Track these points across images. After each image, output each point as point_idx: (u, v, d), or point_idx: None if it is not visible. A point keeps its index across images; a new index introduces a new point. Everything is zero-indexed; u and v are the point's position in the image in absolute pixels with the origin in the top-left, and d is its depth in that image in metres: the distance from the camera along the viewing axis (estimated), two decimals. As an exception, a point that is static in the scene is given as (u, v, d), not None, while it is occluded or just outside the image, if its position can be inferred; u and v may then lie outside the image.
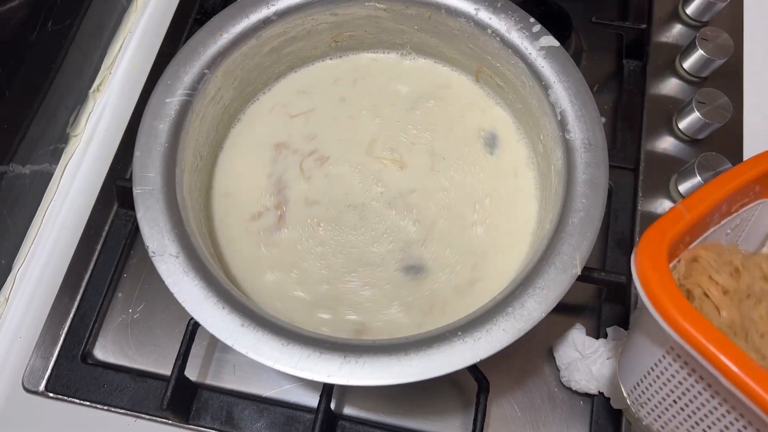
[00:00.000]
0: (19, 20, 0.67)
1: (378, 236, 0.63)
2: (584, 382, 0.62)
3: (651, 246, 0.46)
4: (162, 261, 0.53)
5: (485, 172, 0.66)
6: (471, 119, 0.69)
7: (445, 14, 0.64)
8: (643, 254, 0.45)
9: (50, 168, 0.76)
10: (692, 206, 0.48)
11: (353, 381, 0.49)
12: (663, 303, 0.43)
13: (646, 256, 0.45)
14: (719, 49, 0.74)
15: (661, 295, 0.43)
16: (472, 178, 0.66)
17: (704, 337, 0.41)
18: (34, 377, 0.65)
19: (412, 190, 0.65)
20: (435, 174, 0.66)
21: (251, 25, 0.63)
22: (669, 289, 0.44)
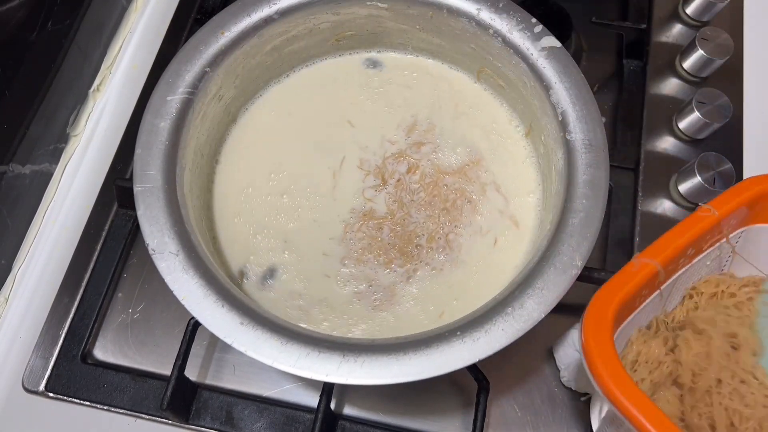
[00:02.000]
0: (19, 20, 0.67)
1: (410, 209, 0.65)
2: (584, 382, 0.62)
3: (597, 313, 0.49)
4: (162, 259, 0.53)
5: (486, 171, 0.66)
6: (472, 119, 0.69)
7: (447, 14, 0.64)
8: (589, 324, 0.48)
9: (50, 168, 0.76)
10: (649, 258, 0.51)
11: (352, 380, 0.49)
12: (600, 373, 0.47)
13: (590, 327, 0.48)
14: (719, 49, 0.74)
15: (599, 365, 0.47)
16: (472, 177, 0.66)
17: (635, 407, 0.45)
18: (34, 377, 0.65)
19: (413, 190, 0.65)
20: (407, 139, 0.67)
21: (253, 24, 0.63)
22: (607, 360, 0.47)
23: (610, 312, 0.49)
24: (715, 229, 0.54)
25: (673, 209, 0.70)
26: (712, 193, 0.67)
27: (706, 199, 0.68)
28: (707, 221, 0.53)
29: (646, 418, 0.45)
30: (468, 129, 0.68)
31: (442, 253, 0.63)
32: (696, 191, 0.68)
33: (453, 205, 0.64)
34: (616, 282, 0.51)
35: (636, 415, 0.45)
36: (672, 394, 0.54)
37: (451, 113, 0.69)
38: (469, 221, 0.64)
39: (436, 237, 0.63)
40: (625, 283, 0.50)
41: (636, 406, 0.45)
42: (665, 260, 0.51)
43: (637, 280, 0.50)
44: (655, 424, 0.44)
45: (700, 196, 0.68)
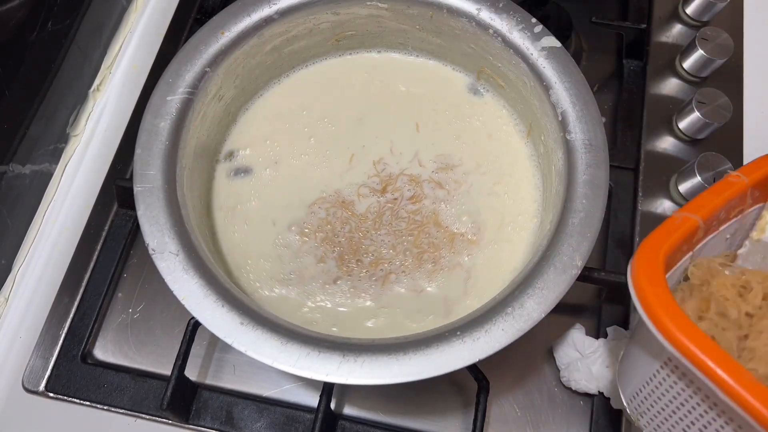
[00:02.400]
0: (19, 20, 0.67)
1: (416, 191, 0.65)
2: (584, 382, 0.62)
3: (647, 258, 0.46)
4: (162, 259, 0.53)
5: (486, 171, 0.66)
6: (472, 119, 0.69)
7: (447, 14, 0.64)
8: (640, 267, 0.46)
9: (50, 168, 0.76)
10: (691, 213, 0.49)
11: (352, 380, 0.49)
12: (659, 316, 0.43)
13: (642, 269, 0.46)
14: (719, 49, 0.74)
15: (657, 308, 0.44)
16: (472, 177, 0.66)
17: (701, 350, 0.42)
18: (34, 377, 0.65)
19: (399, 216, 0.65)
20: (421, 143, 0.67)
21: (253, 24, 0.63)
22: (665, 302, 0.44)
23: (660, 258, 0.46)
24: (743, 197, 0.52)
25: (673, 209, 0.71)
26: (712, 193, 0.67)
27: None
28: (737, 187, 0.51)
29: (723, 367, 0.41)
30: (467, 128, 0.68)
31: (372, 283, 0.62)
32: (696, 191, 0.68)
33: (418, 256, 0.63)
34: (661, 232, 0.48)
35: (709, 365, 0.41)
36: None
37: (451, 113, 0.69)
38: (418, 278, 0.62)
39: (379, 267, 0.62)
40: (671, 233, 0.48)
41: (709, 355, 0.41)
42: (706, 215, 0.49)
43: (681, 232, 0.48)
44: (723, 366, 0.41)
45: (700, 196, 0.68)
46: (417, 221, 0.64)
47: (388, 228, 0.64)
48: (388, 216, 0.64)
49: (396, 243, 0.63)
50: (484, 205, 0.64)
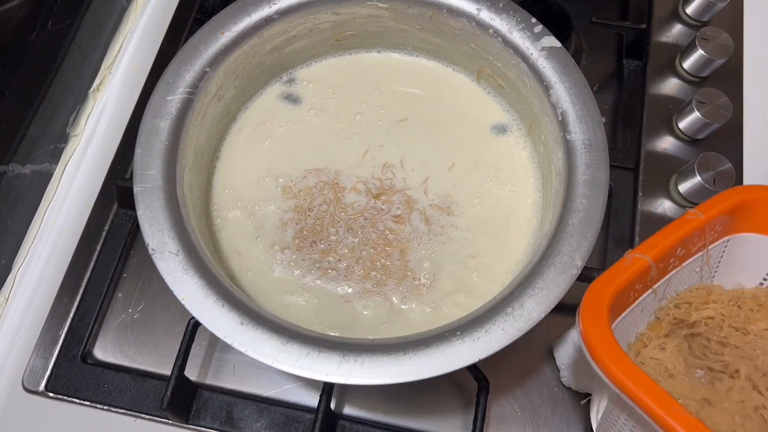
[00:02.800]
0: (19, 20, 0.67)
1: (403, 213, 0.65)
2: (584, 382, 0.62)
3: (592, 300, 0.49)
4: (162, 259, 0.53)
5: (486, 171, 0.66)
6: (472, 119, 0.69)
7: (447, 14, 0.64)
8: (585, 308, 0.49)
9: (50, 168, 0.76)
10: (641, 253, 0.52)
11: (352, 380, 0.49)
12: (600, 355, 0.46)
13: (587, 310, 0.48)
14: (719, 49, 0.74)
15: (599, 349, 0.47)
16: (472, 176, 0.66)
17: (633, 383, 0.45)
18: (34, 377, 0.65)
19: (403, 208, 0.65)
20: (435, 171, 0.66)
21: (253, 24, 0.63)
22: (606, 343, 0.47)
23: (605, 300, 0.49)
24: (702, 233, 0.54)
25: (673, 209, 0.71)
26: (712, 193, 0.67)
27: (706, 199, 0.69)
28: (693, 224, 0.53)
29: (651, 398, 0.44)
30: (468, 128, 0.68)
31: (312, 268, 0.62)
32: (696, 191, 0.68)
33: (367, 271, 0.62)
34: (609, 274, 0.51)
35: (641, 397, 0.44)
36: None
37: (451, 113, 0.69)
38: (353, 288, 0.62)
39: (327, 259, 0.62)
40: (619, 275, 0.50)
41: (640, 387, 0.45)
42: (657, 256, 0.52)
43: (630, 273, 0.51)
44: (660, 404, 0.44)
45: (700, 196, 0.68)
46: (387, 240, 0.63)
47: (358, 231, 0.64)
48: (366, 220, 0.64)
49: (356, 247, 0.63)
50: (449, 265, 0.63)
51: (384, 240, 0.63)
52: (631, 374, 0.45)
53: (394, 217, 0.64)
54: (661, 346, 0.56)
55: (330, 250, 0.63)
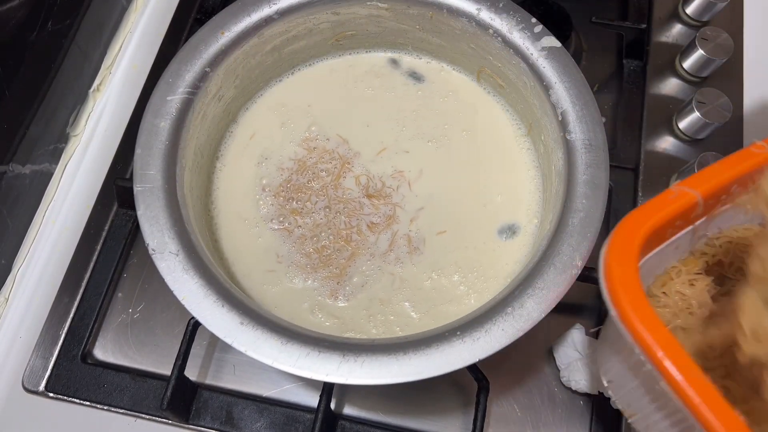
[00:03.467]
0: (19, 20, 0.67)
1: (380, 224, 0.64)
2: (584, 382, 0.62)
3: (624, 237, 0.45)
4: (162, 259, 0.53)
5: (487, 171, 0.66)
6: (472, 119, 0.69)
7: (447, 14, 0.64)
8: (613, 247, 0.44)
9: (50, 168, 0.76)
10: (690, 187, 0.47)
11: (352, 380, 0.49)
12: (623, 306, 0.43)
13: (615, 250, 0.44)
14: (719, 49, 0.74)
15: (622, 298, 0.43)
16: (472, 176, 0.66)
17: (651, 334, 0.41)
18: (34, 377, 0.65)
19: (384, 221, 0.65)
20: (435, 170, 0.66)
21: (253, 24, 0.63)
22: (630, 292, 0.43)
23: (639, 236, 0.44)
24: (765, 168, 0.49)
25: (673, 209, 0.70)
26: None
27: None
28: (758, 159, 0.48)
29: (671, 357, 0.40)
30: (467, 128, 0.68)
31: (281, 232, 0.64)
32: (696, 191, 0.68)
33: (312, 251, 0.63)
34: (650, 207, 0.46)
35: (658, 355, 0.41)
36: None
37: (451, 112, 0.69)
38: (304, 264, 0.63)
39: (298, 225, 0.64)
40: (660, 209, 0.46)
41: (660, 343, 0.41)
42: (707, 192, 0.47)
43: (672, 208, 0.46)
44: (678, 364, 0.40)
45: (700, 196, 0.68)
46: (349, 238, 0.63)
47: (332, 214, 0.64)
48: (347, 209, 0.64)
49: (319, 225, 0.64)
50: (373, 292, 0.62)
51: (346, 236, 0.63)
52: (652, 327, 0.41)
53: (370, 224, 0.64)
54: (690, 281, 0.52)
55: (297, 213, 0.64)
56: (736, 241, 0.53)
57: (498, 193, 0.65)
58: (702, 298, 0.51)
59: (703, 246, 0.54)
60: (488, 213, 0.64)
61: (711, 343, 0.49)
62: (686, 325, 0.51)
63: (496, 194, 0.65)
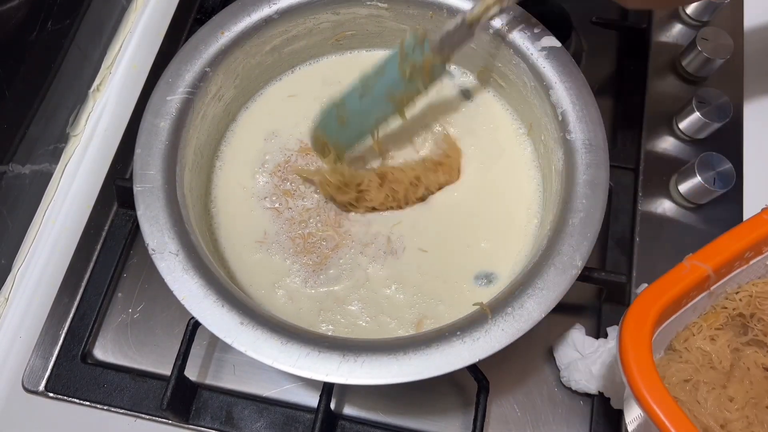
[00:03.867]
0: (19, 20, 0.67)
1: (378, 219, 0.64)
2: (584, 382, 0.62)
3: (638, 315, 0.48)
4: (162, 259, 0.53)
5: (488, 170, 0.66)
6: (472, 119, 0.68)
7: (447, 14, 0.64)
8: (628, 326, 0.47)
9: (50, 168, 0.76)
10: (701, 261, 0.50)
11: (352, 380, 0.49)
12: (637, 384, 0.46)
13: (630, 329, 0.47)
14: (719, 49, 0.74)
15: (635, 376, 0.46)
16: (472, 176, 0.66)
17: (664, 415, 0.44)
18: (34, 377, 0.65)
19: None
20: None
21: (253, 24, 0.63)
22: (643, 369, 0.46)
23: (651, 315, 0.47)
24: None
25: (673, 209, 0.70)
26: (712, 193, 0.67)
27: (706, 200, 0.69)
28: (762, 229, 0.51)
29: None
30: (467, 128, 0.68)
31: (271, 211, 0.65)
32: (696, 191, 0.68)
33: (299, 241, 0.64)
34: (663, 283, 0.49)
35: (667, 426, 0.44)
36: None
37: (453, 113, 0.69)
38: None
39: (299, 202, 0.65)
40: (673, 285, 0.49)
41: (669, 417, 0.44)
42: (718, 265, 0.50)
43: (685, 284, 0.49)
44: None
45: (700, 196, 0.68)
46: (336, 224, 0.64)
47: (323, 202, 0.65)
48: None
49: (316, 210, 0.64)
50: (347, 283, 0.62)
51: (335, 221, 0.64)
52: (662, 402, 0.44)
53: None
54: (711, 337, 0.54)
55: (291, 194, 0.65)
56: (756, 295, 0.55)
57: (484, 239, 0.63)
58: (722, 353, 0.53)
59: (724, 300, 0.56)
60: (472, 254, 0.63)
61: (732, 395, 0.51)
62: (708, 379, 0.52)
63: (482, 240, 0.63)
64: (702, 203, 0.70)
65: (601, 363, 0.62)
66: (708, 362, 0.53)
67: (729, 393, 0.52)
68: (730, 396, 0.52)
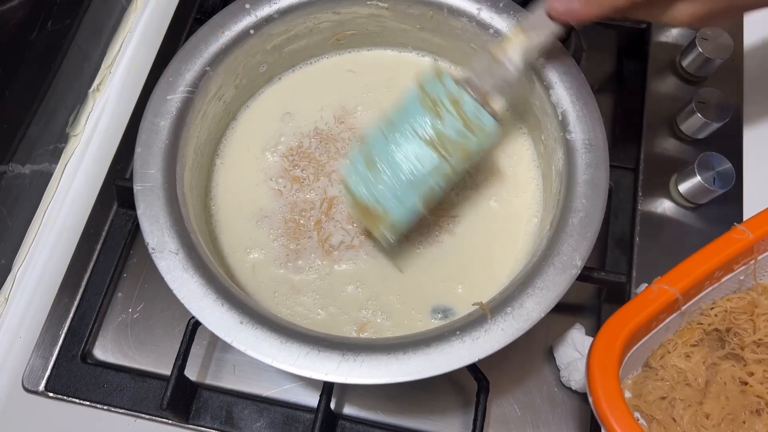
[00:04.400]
0: (19, 20, 0.67)
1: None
2: (584, 381, 0.62)
3: (605, 343, 0.49)
4: (162, 258, 0.53)
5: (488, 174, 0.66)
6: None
7: (447, 14, 0.64)
8: (596, 354, 0.49)
9: (50, 168, 0.76)
10: (669, 285, 0.51)
11: (351, 379, 0.49)
12: (601, 403, 0.48)
13: (597, 354, 0.49)
14: (719, 49, 0.74)
15: (603, 407, 0.48)
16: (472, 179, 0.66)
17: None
18: (34, 377, 0.65)
19: None
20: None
21: (253, 23, 0.63)
22: (609, 392, 0.48)
23: (619, 341, 0.49)
24: (749, 251, 0.53)
25: (673, 209, 0.70)
26: (712, 192, 0.67)
27: (706, 200, 0.69)
28: (740, 244, 0.51)
29: None
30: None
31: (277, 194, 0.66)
32: (696, 191, 0.68)
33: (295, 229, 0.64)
34: (631, 308, 0.50)
35: None
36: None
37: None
38: None
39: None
40: (641, 310, 0.50)
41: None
42: (686, 287, 0.51)
43: (653, 308, 0.50)
44: None
45: (700, 196, 0.68)
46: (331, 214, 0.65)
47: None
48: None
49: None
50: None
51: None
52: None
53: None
54: (687, 354, 0.55)
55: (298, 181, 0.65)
56: (731, 310, 0.56)
57: (461, 283, 0.62)
58: (697, 370, 0.55)
59: (699, 317, 0.57)
60: (441, 290, 0.62)
61: (708, 412, 0.53)
62: (683, 396, 0.54)
63: (459, 283, 0.62)
64: (702, 203, 0.70)
65: (600, 363, 0.62)
66: (683, 379, 0.55)
67: (705, 410, 0.53)
68: (706, 413, 0.53)
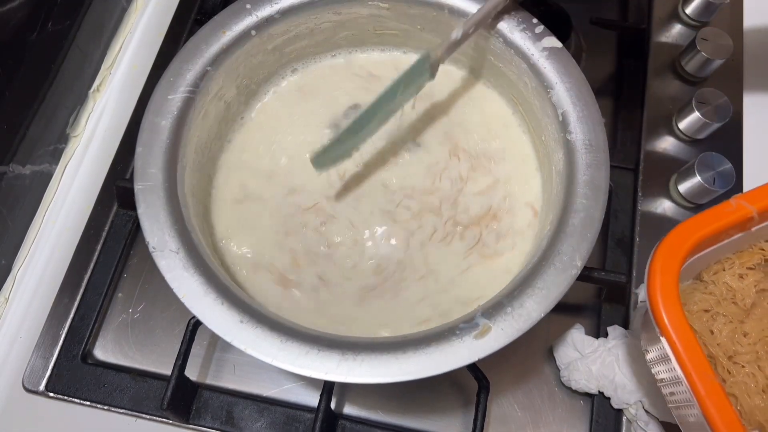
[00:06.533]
0: (19, 20, 0.67)
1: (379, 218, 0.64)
2: (584, 381, 0.62)
3: (673, 244, 0.49)
4: (162, 257, 0.53)
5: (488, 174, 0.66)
6: (472, 119, 0.69)
7: (448, 14, 0.64)
8: (661, 252, 0.49)
9: (50, 168, 0.76)
10: (748, 202, 0.51)
11: (351, 378, 0.49)
12: (659, 312, 0.48)
13: (662, 254, 0.49)
14: (719, 49, 0.74)
15: (658, 303, 0.48)
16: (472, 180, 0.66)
17: (681, 345, 0.47)
18: (34, 377, 0.65)
19: (411, 185, 0.65)
20: (435, 170, 0.66)
21: (254, 23, 0.63)
22: (667, 293, 0.48)
23: (686, 245, 0.49)
24: None
25: (673, 209, 0.71)
26: (712, 192, 0.67)
27: (706, 200, 0.69)
28: None
29: (694, 370, 0.46)
30: (467, 128, 0.68)
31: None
32: (696, 191, 0.68)
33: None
34: (705, 217, 0.50)
35: (686, 365, 0.46)
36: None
37: (452, 113, 0.69)
38: None
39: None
40: (715, 220, 0.50)
41: (681, 340, 0.46)
42: (764, 208, 0.51)
43: (727, 221, 0.51)
44: (700, 377, 0.46)
45: (700, 196, 0.68)
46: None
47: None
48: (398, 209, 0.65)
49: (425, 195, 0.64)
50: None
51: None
52: (679, 330, 0.46)
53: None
54: (741, 275, 0.56)
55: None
56: None
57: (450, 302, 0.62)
58: (747, 291, 0.55)
59: (763, 243, 0.57)
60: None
61: (747, 331, 0.53)
62: (727, 312, 0.54)
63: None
64: (702, 203, 0.70)
65: (601, 363, 0.62)
66: (731, 297, 0.55)
67: (745, 328, 0.54)
68: (745, 331, 0.53)
